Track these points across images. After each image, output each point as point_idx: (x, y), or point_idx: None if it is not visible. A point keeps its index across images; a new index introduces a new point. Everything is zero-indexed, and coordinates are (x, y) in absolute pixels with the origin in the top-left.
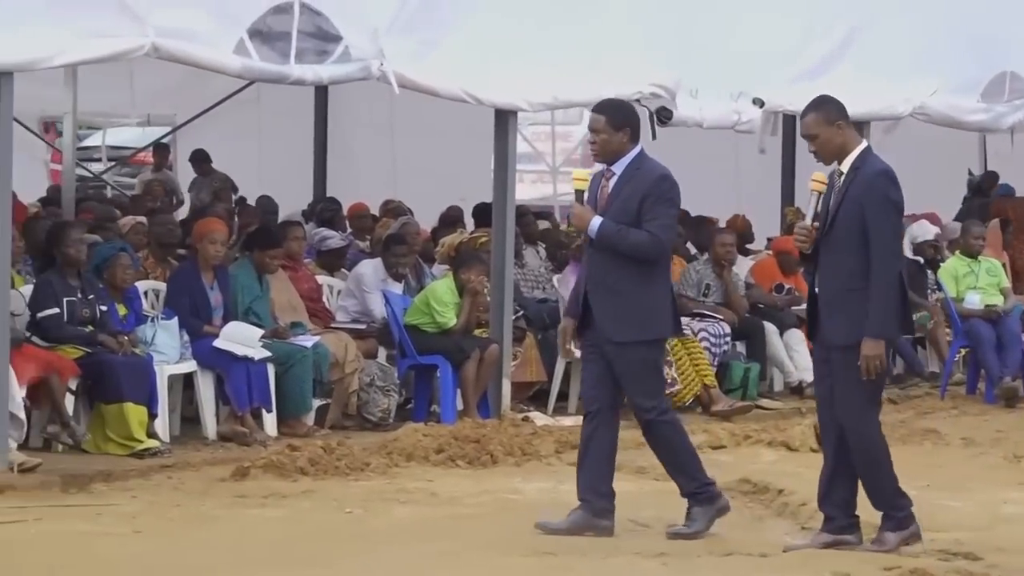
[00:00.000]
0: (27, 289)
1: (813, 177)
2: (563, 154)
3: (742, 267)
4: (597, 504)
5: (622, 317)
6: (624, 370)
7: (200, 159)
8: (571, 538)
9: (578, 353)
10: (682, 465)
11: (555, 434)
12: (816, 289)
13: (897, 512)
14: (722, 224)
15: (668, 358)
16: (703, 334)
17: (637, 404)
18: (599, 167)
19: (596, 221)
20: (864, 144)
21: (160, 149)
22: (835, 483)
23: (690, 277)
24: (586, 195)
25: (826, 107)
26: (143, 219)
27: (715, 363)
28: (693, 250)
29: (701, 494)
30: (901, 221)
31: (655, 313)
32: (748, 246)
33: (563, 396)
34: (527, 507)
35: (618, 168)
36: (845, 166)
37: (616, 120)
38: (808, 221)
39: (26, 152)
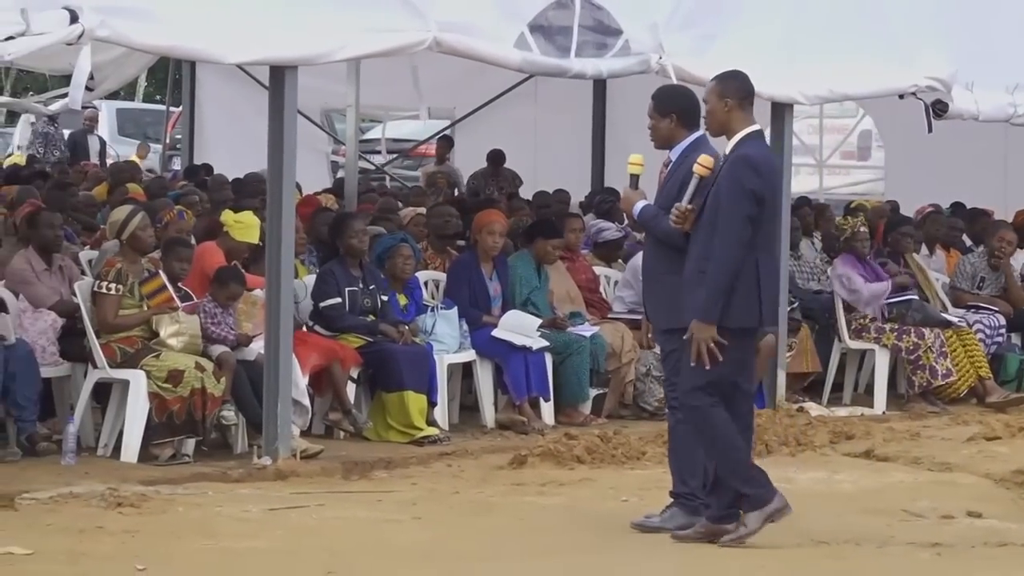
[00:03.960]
0: (310, 279)
1: (699, 160)
2: (831, 147)
3: (1016, 260)
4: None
5: (663, 304)
6: (664, 356)
7: (496, 159)
8: (846, 527)
9: (657, 348)
10: (684, 464)
11: (830, 424)
12: None
13: (691, 500)
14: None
15: (944, 349)
16: (978, 326)
17: (668, 388)
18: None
19: (639, 205)
20: (750, 130)
21: (443, 141)
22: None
23: (964, 269)
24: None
25: (725, 82)
26: (423, 210)
27: (990, 354)
28: (968, 242)
29: (688, 501)
30: (756, 209)
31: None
32: None
33: (838, 387)
34: (800, 497)
35: (674, 154)
36: (728, 149)
37: (662, 107)
38: (684, 202)
39: (308, 145)
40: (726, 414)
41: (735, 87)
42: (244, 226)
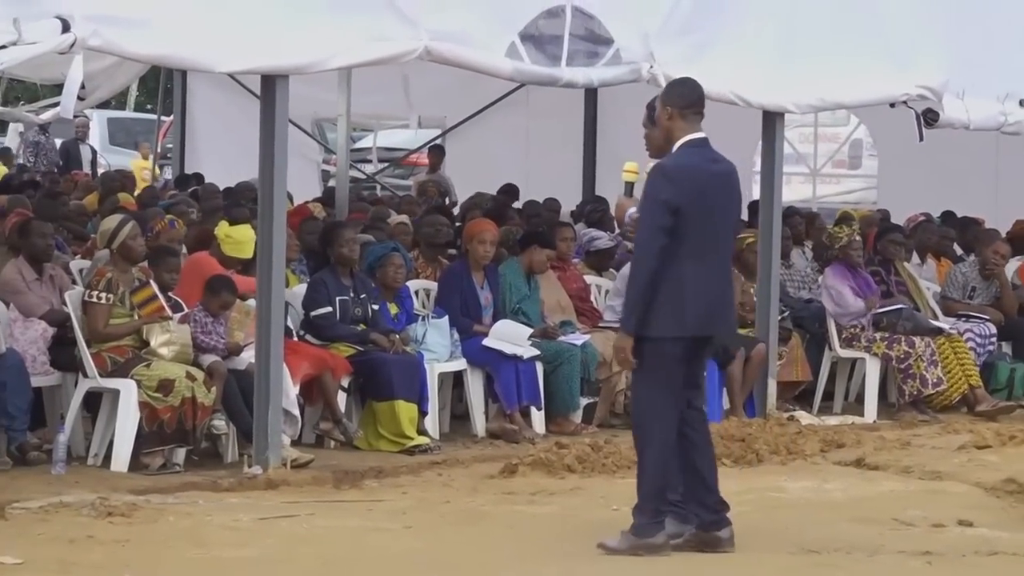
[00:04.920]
0: (301, 288)
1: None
2: (825, 156)
3: (1008, 268)
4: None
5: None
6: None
7: (510, 193)
8: (837, 535)
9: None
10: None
11: (820, 433)
12: None
13: (639, 517)
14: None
15: (934, 357)
16: (969, 334)
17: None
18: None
19: (630, 212)
20: (688, 138)
21: (436, 151)
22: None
23: (955, 279)
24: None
25: (669, 90)
26: (405, 218)
27: (980, 363)
28: (960, 251)
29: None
30: (670, 219)
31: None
32: None
33: (828, 396)
34: (792, 506)
35: None
36: None
37: (653, 116)
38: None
39: (299, 154)
40: (670, 437)
41: (676, 95)
42: (235, 242)
